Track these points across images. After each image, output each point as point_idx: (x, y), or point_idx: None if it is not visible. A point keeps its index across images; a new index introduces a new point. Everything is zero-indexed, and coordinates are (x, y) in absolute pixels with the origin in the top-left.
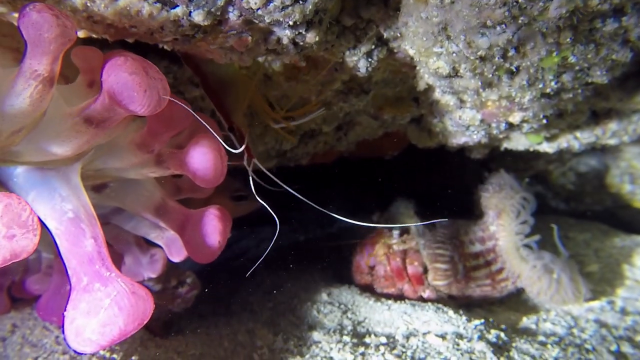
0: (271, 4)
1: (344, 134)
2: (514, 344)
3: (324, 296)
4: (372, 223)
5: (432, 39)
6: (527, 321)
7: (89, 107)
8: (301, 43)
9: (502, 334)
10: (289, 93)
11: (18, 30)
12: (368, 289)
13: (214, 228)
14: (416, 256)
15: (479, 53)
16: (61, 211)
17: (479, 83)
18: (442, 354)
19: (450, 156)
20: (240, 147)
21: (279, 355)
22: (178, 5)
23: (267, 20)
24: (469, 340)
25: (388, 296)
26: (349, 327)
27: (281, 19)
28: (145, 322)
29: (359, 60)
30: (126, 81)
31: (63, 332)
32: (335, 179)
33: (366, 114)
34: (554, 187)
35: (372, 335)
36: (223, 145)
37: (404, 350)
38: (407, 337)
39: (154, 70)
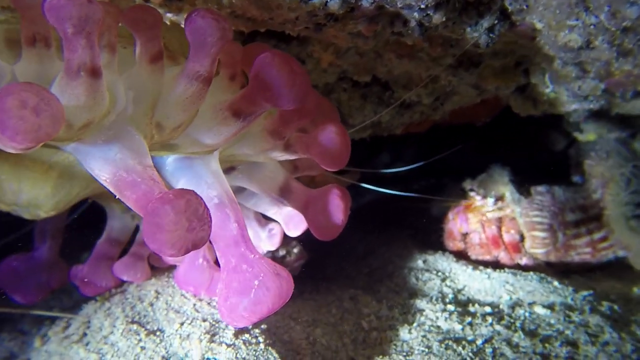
0: None
1: (441, 103)
2: (632, 318)
3: (420, 263)
4: (465, 189)
5: (567, 11)
6: (639, 292)
7: (238, 102)
8: (427, 24)
9: (615, 306)
10: (396, 70)
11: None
12: (461, 256)
13: (336, 207)
14: (512, 224)
15: (623, 24)
16: (208, 197)
17: (615, 54)
18: (553, 326)
19: (541, 119)
20: None
21: (386, 322)
22: None
23: (399, 5)
24: (581, 313)
25: (483, 263)
26: (450, 295)
27: (413, 3)
28: (287, 301)
29: (480, 36)
30: (275, 78)
31: (219, 305)
32: (427, 145)
33: (466, 84)
34: None
35: (476, 304)
36: None
37: (511, 320)
38: (513, 307)
39: (297, 65)
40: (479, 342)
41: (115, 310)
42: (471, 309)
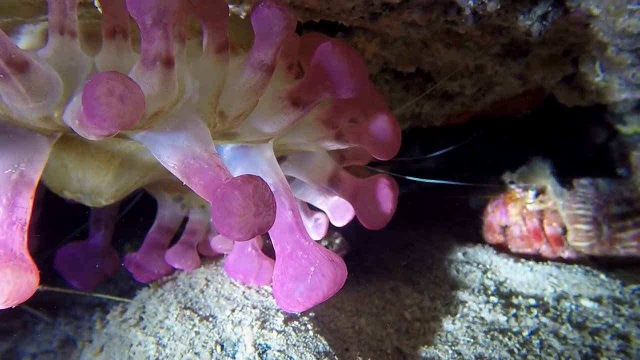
0: None
1: (482, 94)
2: None
3: (460, 255)
4: (504, 182)
5: None
6: None
7: (297, 91)
8: (481, 12)
9: None
10: (441, 60)
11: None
12: (500, 249)
13: (385, 196)
14: (554, 216)
15: None
16: None
17: None
18: (602, 319)
19: (582, 112)
20: None
21: (429, 313)
22: None
23: None
24: (631, 306)
25: (524, 256)
26: (492, 288)
27: None
28: (341, 287)
29: (532, 24)
30: (335, 67)
31: (274, 290)
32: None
33: (511, 74)
34: None
35: (519, 297)
36: None
37: (557, 313)
38: (558, 300)
39: (355, 55)
40: (525, 333)
41: (169, 297)
42: (515, 301)
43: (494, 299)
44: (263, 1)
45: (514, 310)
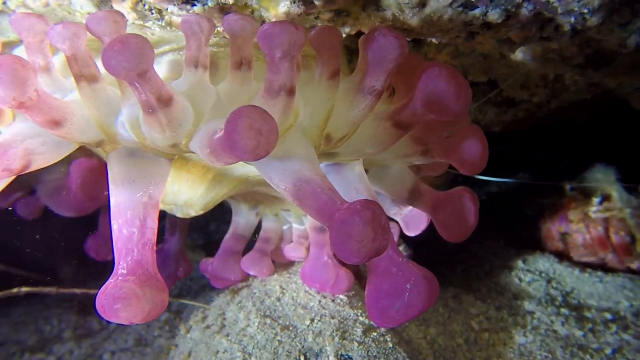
0: None
1: (547, 101)
2: None
3: (520, 263)
4: (564, 189)
5: None
6: None
7: (399, 113)
8: (579, 27)
9: None
10: (518, 70)
11: (363, 51)
12: (561, 256)
13: (468, 210)
14: (621, 225)
15: None
16: None
17: None
18: None
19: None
20: None
21: (497, 324)
22: (478, 7)
23: (560, 11)
24: None
25: (587, 265)
26: (559, 298)
27: (576, 8)
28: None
29: (629, 36)
30: (443, 91)
31: (368, 306)
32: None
33: (587, 83)
34: None
35: (592, 310)
36: None
37: (639, 330)
38: (637, 315)
39: (461, 78)
40: (608, 351)
41: (247, 304)
42: (587, 314)
43: (564, 310)
44: (379, 29)
45: (589, 325)
